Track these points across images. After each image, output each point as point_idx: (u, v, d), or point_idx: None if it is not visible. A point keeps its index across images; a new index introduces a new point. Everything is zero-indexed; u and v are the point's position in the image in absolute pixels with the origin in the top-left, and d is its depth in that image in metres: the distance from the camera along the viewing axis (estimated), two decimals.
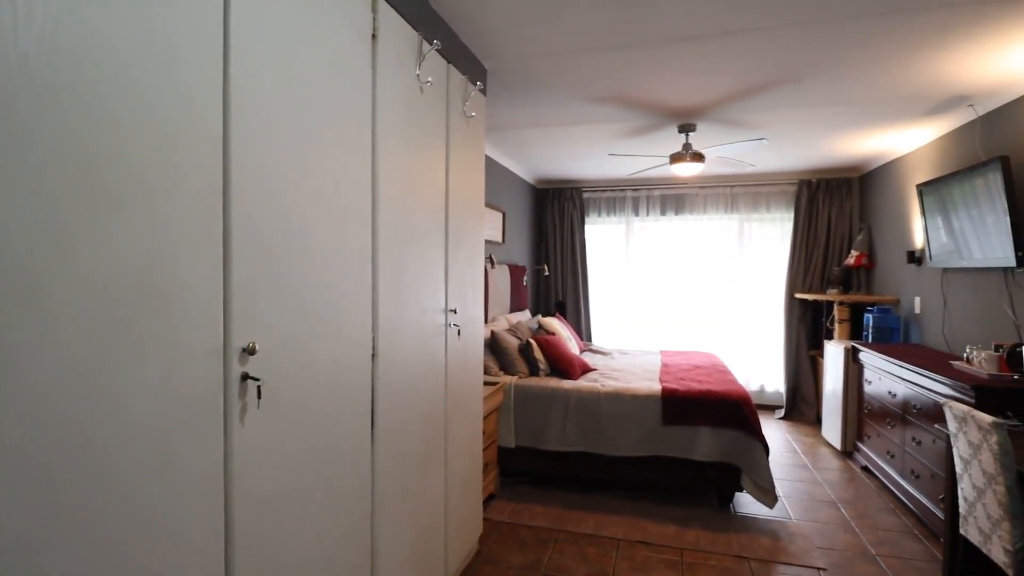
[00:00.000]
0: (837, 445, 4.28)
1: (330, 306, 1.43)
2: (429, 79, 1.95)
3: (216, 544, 1.09)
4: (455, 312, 2.24)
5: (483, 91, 2.57)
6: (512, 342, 3.72)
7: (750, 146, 3.54)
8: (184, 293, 1.01)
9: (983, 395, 2.53)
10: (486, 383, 3.34)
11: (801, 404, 5.33)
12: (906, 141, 4.11)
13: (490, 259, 3.79)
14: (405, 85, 1.83)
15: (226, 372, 1.11)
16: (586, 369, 3.89)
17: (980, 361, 2.78)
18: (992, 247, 2.98)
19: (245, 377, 1.15)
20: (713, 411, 3.16)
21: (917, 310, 4.11)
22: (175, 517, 1.00)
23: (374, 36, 1.64)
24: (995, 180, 2.90)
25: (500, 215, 4.74)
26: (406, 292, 1.84)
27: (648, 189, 5.87)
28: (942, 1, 2.05)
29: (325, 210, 1.40)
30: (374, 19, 1.64)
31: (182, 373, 1.01)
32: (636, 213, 5.95)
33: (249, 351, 1.14)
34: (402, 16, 1.80)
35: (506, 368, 3.66)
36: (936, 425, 2.83)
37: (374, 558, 1.67)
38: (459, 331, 2.27)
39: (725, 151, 3.69)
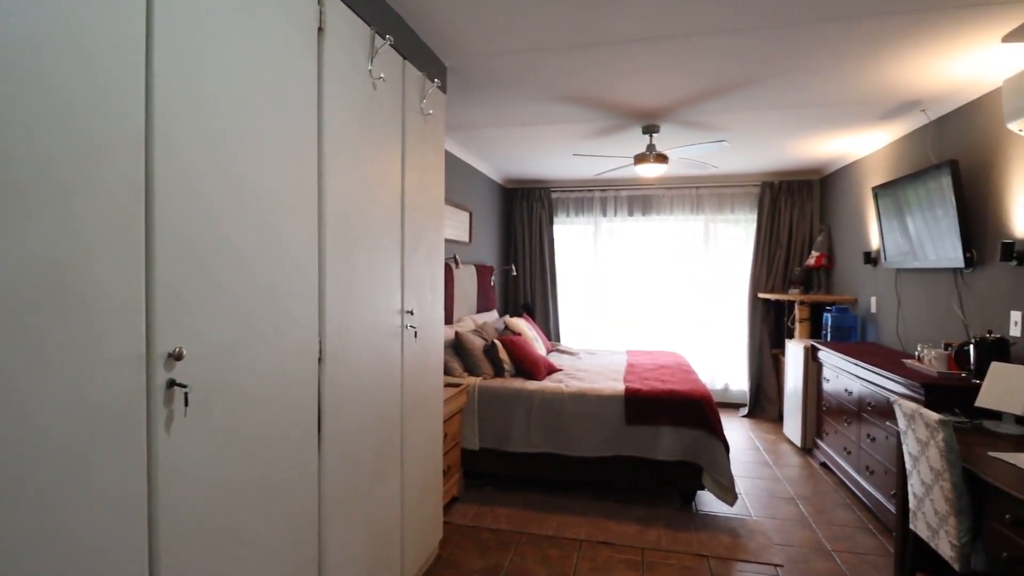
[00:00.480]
0: (797, 442, 4.36)
1: (270, 309, 1.37)
2: (382, 75, 1.90)
3: (140, 565, 1.03)
4: (412, 314, 2.20)
5: (442, 89, 2.53)
6: (477, 343, 3.69)
7: (711, 148, 3.58)
8: (101, 296, 0.95)
9: (932, 392, 2.59)
10: (449, 385, 3.30)
11: (764, 402, 5.42)
12: (863, 145, 4.21)
13: (454, 259, 3.75)
14: (356, 81, 1.78)
15: (149, 379, 1.05)
16: (552, 370, 3.88)
17: (930, 359, 2.86)
18: (943, 248, 3.07)
19: (171, 384, 1.09)
20: (675, 410, 3.18)
21: (873, 309, 4.22)
22: (91, 542, 0.94)
23: (320, 30, 1.59)
24: (945, 183, 2.98)
25: (467, 215, 4.70)
26: (357, 294, 1.79)
27: (616, 190, 5.90)
28: (894, 8, 2.09)
29: (262, 210, 1.35)
30: (320, 12, 1.58)
31: (98, 381, 0.95)
32: (604, 214, 5.97)
33: (175, 356, 1.09)
34: (352, 10, 1.75)
35: (471, 369, 3.63)
36: (888, 422, 2.90)
37: (322, 570, 1.62)
38: (416, 333, 2.22)
39: (688, 152, 3.72)
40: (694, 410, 3.16)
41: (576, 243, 6.10)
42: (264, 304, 1.35)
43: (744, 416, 5.38)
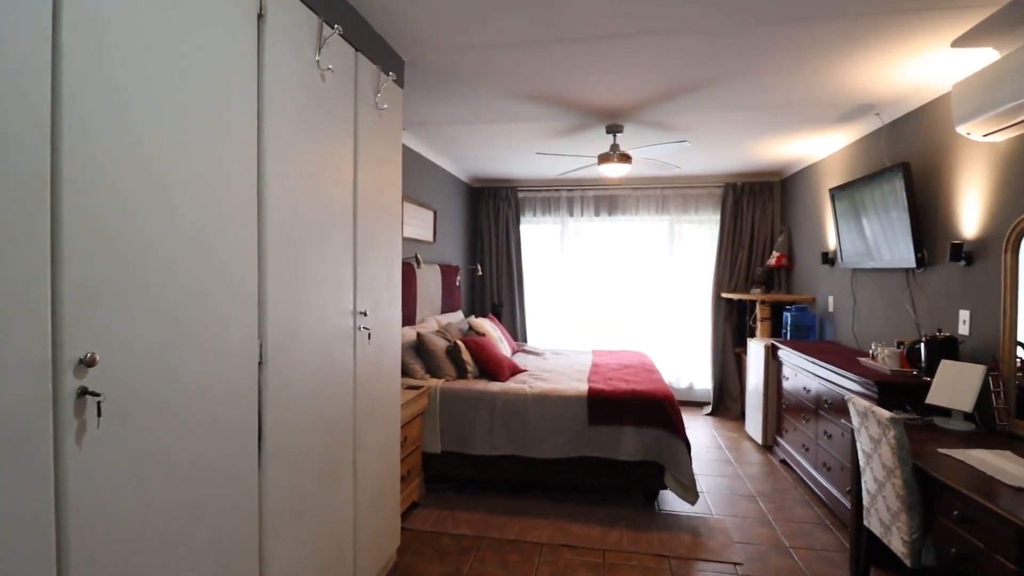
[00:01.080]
0: (759, 439, 4.42)
1: (202, 311, 1.29)
2: (331, 66, 1.82)
3: None
4: (366, 315, 2.12)
5: (399, 83, 2.46)
6: (439, 344, 3.62)
7: (673, 148, 3.59)
8: None
9: (885, 390, 2.64)
10: (410, 387, 3.22)
11: (727, 400, 5.49)
12: (821, 147, 4.29)
13: (415, 258, 3.67)
14: (301, 71, 1.70)
15: (56, 387, 0.96)
16: (515, 371, 3.84)
17: (883, 357, 2.91)
18: (896, 249, 3.14)
19: (83, 392, 1.00)
20: (637, 410, 3.18)
21: (831, 309, 4.30)
22: None
23: (261, 16, 1.50)
24: (898, 185, 3.05)
25: (431, 213, 4.62)
26: (303, 295, 1.71)
27: (582, 190, 5.90)
28: (848, 11, 2.11)
29: (192, 207, 1.26)
30: None
31: None
32: (571, 214, 5.97)
33: (87, 363, 1.00)
34: None
35: (433, 371, 3.55)
36: (844, 420, 2.94)
37: None
38: (370, 335, 2.15)
39: (650, 152, 3.73)
40: (656, 410, 3.16)
41: (543, 243, 6.08)
42: (195, 306, 1.27)
43: (708, 414, 5.44)
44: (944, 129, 2.85)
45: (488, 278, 5.99)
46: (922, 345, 2.71)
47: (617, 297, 5.98)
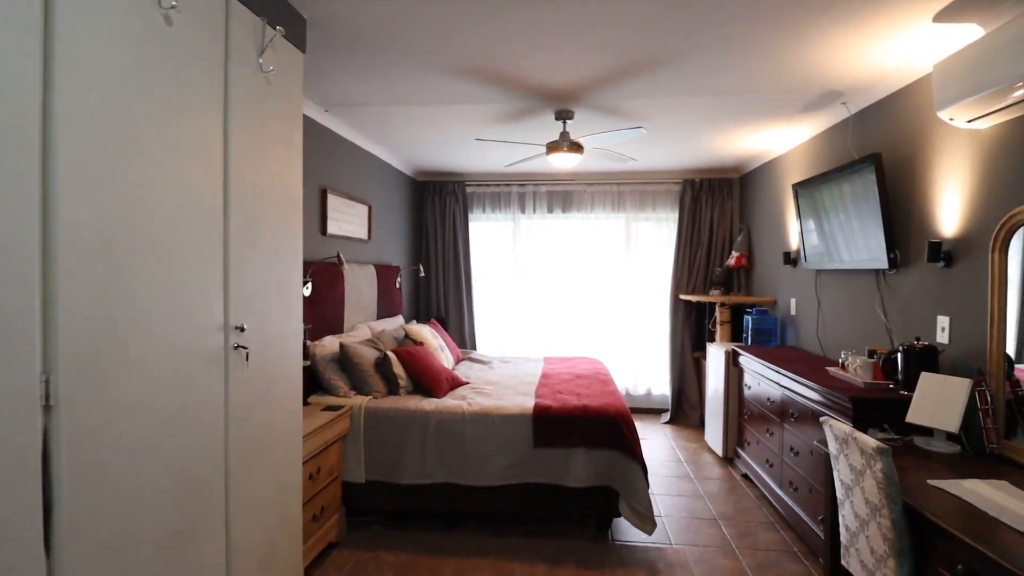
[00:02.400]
0: (719, 451, 4.15)
1: None
2: (174, 3, 1.38)
3: None
4: (243, 330, 1.68)
5: (299, 45, 2.03)
6: (367, 356, 3.18)
7: (628, 135, 3.25)
8: None
9: (860, 406, 2.36)
10: (328, 408, 2.78)
11: (686, 407, 5.23)
12: (784, 140, 4.04)
13: (338, 258, 3.22)
14: (129, 10, 1.26)
15: None
16: (456, 384, 3.43)
17: (856, 368, 2.64)
18: (867, 248, 2.88)
19: None
20: (589, 430, 2.82)
21: (793, 312, 4.07)
22: None
23: None
24: (868, 179, 2.79)
25: (365, 208, 4.16)
26: (130, 310, 1.27)
27: (535, 184, 5.53)
28: None
29: None
30: None
31: None
32: (523, 210, 5.59)
33: None
34: None
35: (359, 387, 3.11)
36: (816, 441, 2.66)
37: None
38: (248, 355, 1.71)
39: (603, 140, 3.38)
40: (610, 429, 2.81)
41: (493, 241, 5.69)
42: None
43: (666, 423, 5.17)
44: (921, 117, 2.60)
45: (433, 280, 5.56)
46: (899, 355, 2.44)
47: (572, 299, 5.65)
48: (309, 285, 3.09)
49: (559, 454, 2.80)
